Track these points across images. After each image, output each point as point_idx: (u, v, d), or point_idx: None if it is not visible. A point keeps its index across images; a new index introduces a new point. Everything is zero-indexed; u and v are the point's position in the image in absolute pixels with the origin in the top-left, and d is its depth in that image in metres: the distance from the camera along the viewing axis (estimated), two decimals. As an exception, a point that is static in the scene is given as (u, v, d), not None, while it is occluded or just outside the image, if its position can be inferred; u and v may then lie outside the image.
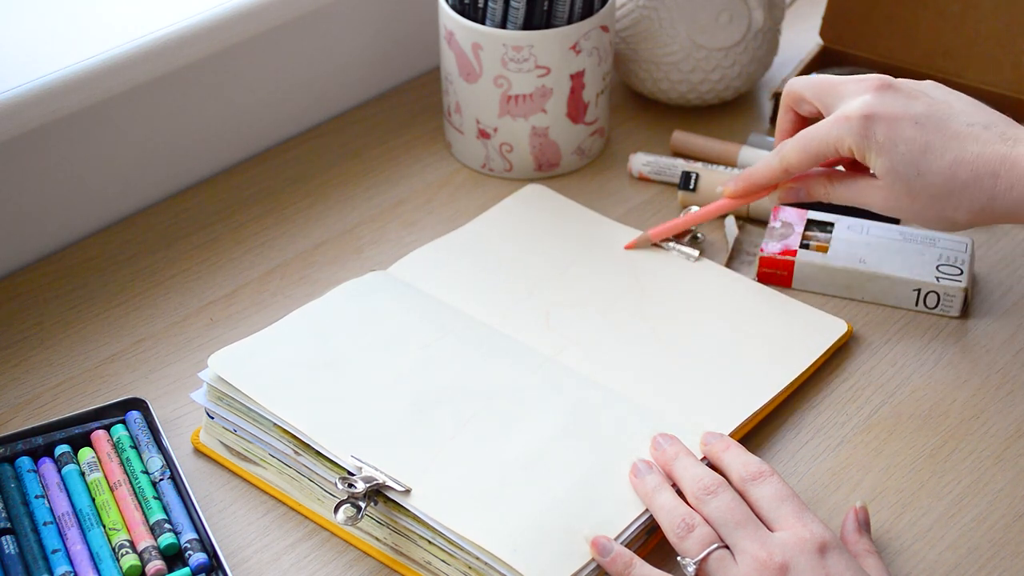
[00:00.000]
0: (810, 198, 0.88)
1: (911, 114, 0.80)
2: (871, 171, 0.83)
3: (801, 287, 0.93)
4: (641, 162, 1.03)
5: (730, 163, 1.03)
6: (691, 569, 0.71)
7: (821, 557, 0.69)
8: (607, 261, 0.94)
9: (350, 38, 1.09)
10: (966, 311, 0.92)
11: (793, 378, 0.85)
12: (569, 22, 0.98)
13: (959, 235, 0.93)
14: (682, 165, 1.02)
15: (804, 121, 0.88)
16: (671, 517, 0.73)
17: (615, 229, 0.97)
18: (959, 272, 0.91)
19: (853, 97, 0.82)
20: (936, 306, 0.91)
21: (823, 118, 0.85)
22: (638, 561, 0.72)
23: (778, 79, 1.13)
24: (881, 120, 0.80)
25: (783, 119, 0.89)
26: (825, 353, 0.87)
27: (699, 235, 0.96)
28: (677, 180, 1.01)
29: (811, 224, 0.95)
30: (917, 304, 0.92)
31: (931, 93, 0.82)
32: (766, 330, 0.88)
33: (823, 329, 0.88)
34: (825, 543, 0.70)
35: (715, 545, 0.71)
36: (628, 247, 0.94)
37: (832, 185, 0.86)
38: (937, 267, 0.91)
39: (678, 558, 0.72)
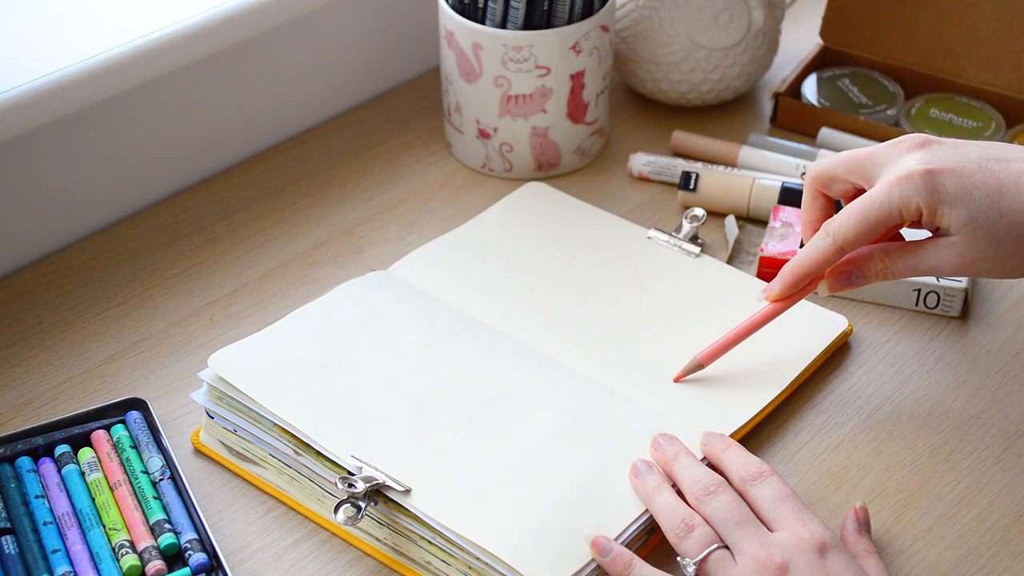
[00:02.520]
0: (865, 281, 0.81)
1: (971, 159, 0.76)
2: (942, 228, 0.77)
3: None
4: (641, 162, 1.03)
5: (730, 163, 1.03)
6: (691, 569, 0.71)
7: (821, 557, 0.69)
8: (607, 259, 0.94)
9: (350, 38, 1.09)
10: (966, 311, 0.92)
11: (794, 377, 0.85)
12: (569, 22, 0.98)
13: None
14: (682, 165, 1.02)
15: (832, 206, 0.84)
16: (671, 517, 0.73)
17: (616, 225, 0.97)
18: None
19: (897, 160, 0.78)
20: (936, 306, 0.91)
21: (858, 195, 0.80)
22: (638, 561, 0.72)
23: (778, 79, 1.13)
24: (946, 172, 0.76)
25: (811, 207, 0.83)
26: (826, 351, 0.87)
27: (699, 236, 0.96)
28: (677, 180, 1.01)
29: None
30: (917, 304, 0.92)
31: (967, 142, 0.79)
32: (767, 329, 0.88)
33: (823, 326, 0.88)
34: (825, 543, 0.70)
35: (715, 545, 0.71)
36: (677, 380, 0.84)
37: (891, 259, 0.80)
38: None
39: (678, 558, 0.72)
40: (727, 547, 0.71)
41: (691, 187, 0.99)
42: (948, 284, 0.90)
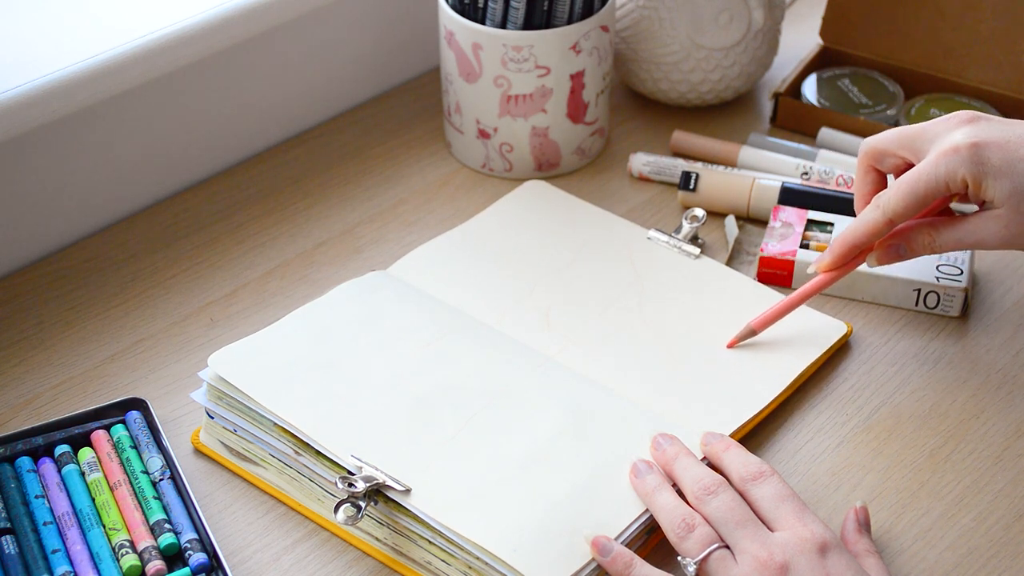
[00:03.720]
0: (912, 254, 0.83)
1: (1016, 134, 0.78)
2: (986, 201, 0.79)
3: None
4: (641, 162, 1.03)
5: (730, 163, 1.03)
6: (691, 569, 0.71)
7: (821, 557, 0.69)
8: (608, 258, 0.94)
9: (350, 38, 1.09)
10: (966, 311, 0.92)
11: (793, 379, 0.85)
12: (569, 22, 0.98)
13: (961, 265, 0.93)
14: (682, 165, 1.02)
15: (884, 179, 0.85)
16: (671, 517, 0.73)
17: (616, 225, 0.97)
18: (959, 272, 0.91)
19: (946, 135, 0.79)
20: (936, 306, 0.91)
21: (909, 169, 0.82)
22: (638, 561, 0.72)
23: (778, 79, 1.13)
24: (991, 145, 0.78)
25: (863, 181, 0.85)
26: (824, 354, 0.87)
27: (699, 237, 0.96)
28: (677, 180, 1.01)
29: (811, 224, 0.95)
30: (917, 304, 0.92)
31: (1016, 121, 0.80)
32: (767, 332, 0.88)
33: (823, 330, 0.88)
34: (825, 543, 0.70)
35: (715, 545, 0.71)
36: (730, 345, 0.87)
37: (938, 232, 0.82)
38: (937, 267, 0.91)
39: (678, 558, 0.72)
40: (728, 547, 0.71)
41: (691, 187, 0.99)
42: (948, 284, 0.90)
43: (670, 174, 1.02)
